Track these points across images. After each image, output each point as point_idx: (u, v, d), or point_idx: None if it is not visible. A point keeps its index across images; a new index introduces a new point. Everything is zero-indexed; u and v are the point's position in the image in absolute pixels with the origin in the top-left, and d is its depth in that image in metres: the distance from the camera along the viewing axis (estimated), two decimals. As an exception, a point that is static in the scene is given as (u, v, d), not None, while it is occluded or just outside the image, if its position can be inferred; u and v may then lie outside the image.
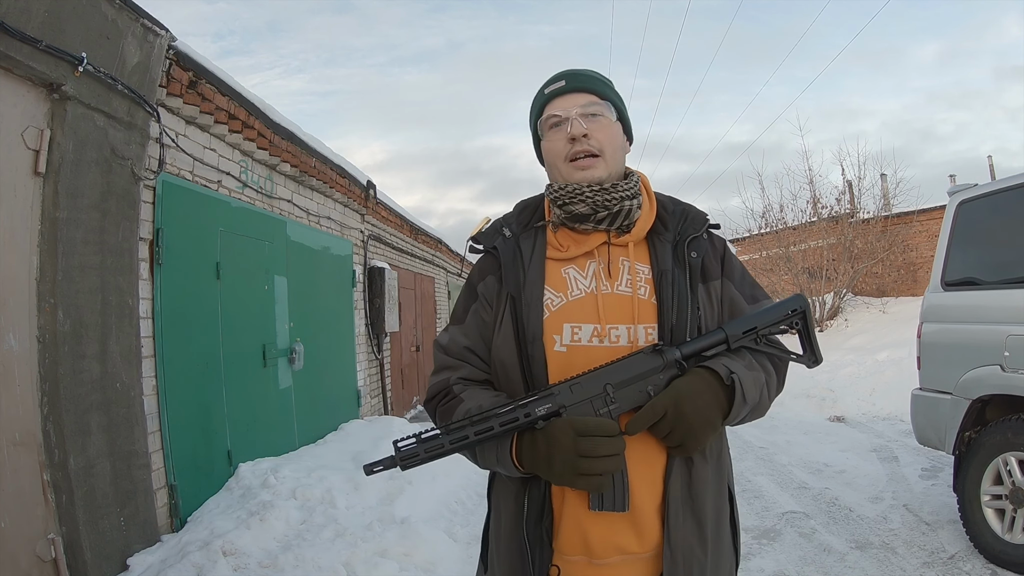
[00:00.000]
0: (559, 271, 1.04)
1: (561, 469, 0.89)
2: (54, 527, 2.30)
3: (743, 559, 2.99)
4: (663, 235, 1.06)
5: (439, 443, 0.91)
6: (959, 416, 2.99)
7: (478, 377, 1.06)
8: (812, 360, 1.05)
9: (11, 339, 2.21)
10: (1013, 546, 2.69)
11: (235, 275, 3.71)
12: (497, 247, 1.08)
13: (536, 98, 1.10)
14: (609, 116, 1.05)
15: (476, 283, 1.09)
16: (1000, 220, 3.09)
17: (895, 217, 11.99)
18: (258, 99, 3.87)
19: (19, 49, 2.13)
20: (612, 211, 1.02)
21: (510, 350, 1.00)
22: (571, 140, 1.02)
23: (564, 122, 1.03)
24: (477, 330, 1.07)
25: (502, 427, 0.91)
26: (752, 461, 4.88)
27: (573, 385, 0.93)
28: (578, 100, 1.04)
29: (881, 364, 7.75)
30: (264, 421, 4.00)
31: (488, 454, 0.96)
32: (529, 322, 0.99)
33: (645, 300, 1.00)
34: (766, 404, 1.02)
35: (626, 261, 1.03)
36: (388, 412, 6.71)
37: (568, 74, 1.07)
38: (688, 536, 0.95)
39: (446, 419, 1.01)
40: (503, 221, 1.12)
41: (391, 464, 0.90)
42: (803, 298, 1.06)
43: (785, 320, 1.02)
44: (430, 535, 3.02)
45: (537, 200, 1.14)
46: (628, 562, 0.96)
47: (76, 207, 2.45)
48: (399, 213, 7.63)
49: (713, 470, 1.00)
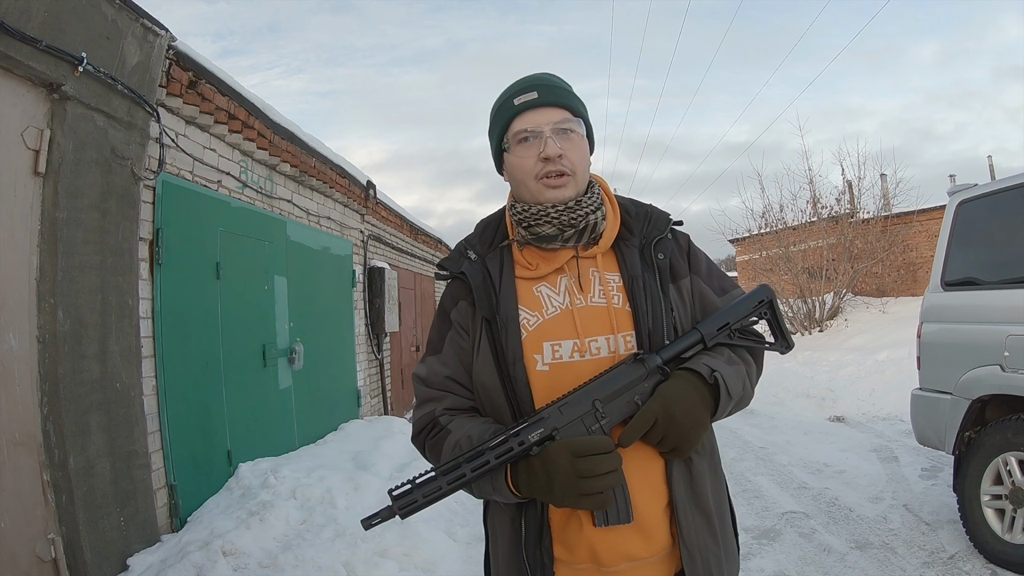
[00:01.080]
0: (531, 290, 1.03)
1: (562, 493, 0.88)
2: (54, 527, 2.30)
3: (743, 559, 3.02)
4: (629, 240, 1.06)
5: (436, 486, 0.89)
6: (959, 416, 2.99)
7: (463, 405, 1.04)
8: (784, 346, 1.08)
9: (11, 339, 2.21)
10: (1013, 546, 2.69)
11: (235, 275, 3.71)
12: (465, 272, 1.05)
13: (502, 107, 1.04)
14: (580, 132, 1.02)
15: (449, 310, 1.07)
16: (1000, 220, 3.09)
17: (895, 217, 12.00)
18: (258, 99, 3.87)
19: (19, 49, 2.13)
20: (579, 228, 1.01)
21: (491, 374, 0.99)
22: (544, 160, 0.99)
23: (535, 138, 0.99)
24: (456, 357, 1.05)
25: (498, 459, 0.90)
26: (752, 461, 4.88)
27: (562, 406, 0.93)
28: (551, 116, 1.00)
29: (881, 364, 7.75)
30: (264, 421, 4.00)
31: (484, 486, 0.95)
32: (508, 344, 0.98)
33: (620, 308, 1.00)
34: (750, 393, 1.05)
35: (596, 272, 1.03)
36: (388, 412, 6.72)
37: (540, 85, 1.02)
38: (700, 532, 0.97)
39: (435, 452, 1.01)
40: (466, 243, 1.09)
41: (389, 515, 0.88)
42: (768, 288, 1.08)
43: (755, 311, 1.05)
44: (430, 535, 3.02)
45: (497, 217, 1.12)
46: (636, 567, 0.97)
47: (76, 207, 2.45)
48: (399, 213, 7.63)
49: (708, 464, 1.02)
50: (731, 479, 4.36)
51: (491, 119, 1.07)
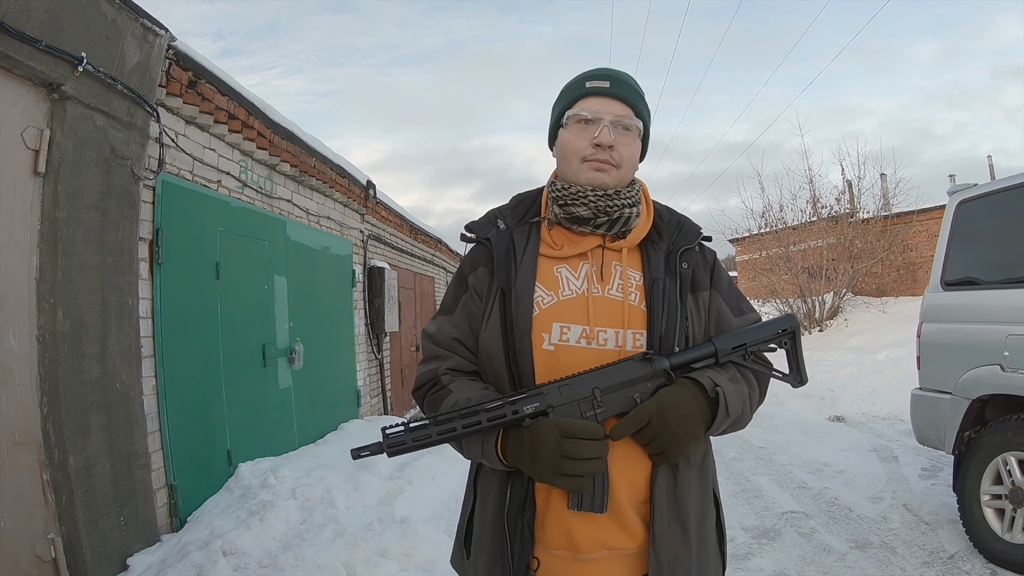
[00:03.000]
0: (551, 269, 1.04)
1: (543, 468, 0.90)
2: (54, 527, 2.30)
3: (743, 559, 3.02)
4: (657, 244, 1.06)
5: (427, 433, 0.91)
6: (959, 416, 2.99)
7: (466, 368, 1.06)
8: (798, 380, 1.08)
9: (11, 339, 2.21)
10: (1013, 546, 2.69)
11: (235, 275, 3.71)
12: (491, 239, 1.06)
13: (572, 85, 1.07)
14: (637, 132, 1.05)
15: (467, 274, 1.08)
16: (1000, 220, 3.09)
17: (895, 217, 12.00)
18: (258, 99, 3.86)
19: (19, 49, 2.13)
20: (612, 217, 1.02)
21: (497, 343, 1.00)
22: (595, 145, 1.01)
23: (593, 123, 1.02)
24: (466, 321, 1.06)
25: (489, 422, 0.91)
26: (752, 461, 4.88)
27: (562, 386, 0.94)
28: (615, 108, 1.02)
29: (881, 364, 7.75)
30: (264, 421, 4.00)
31: (473, 446, 0.97)
32: (518, 318, 0.99)
33: (635, 306, 1.01)
34: (748, 417, 1.05)
35: (619, 266, 1.03)
36: (388, 412, 6.72)
37: (614, 77, 1.05)
38: (674, 541, 0.96)
39: (434, 409, 1.02)
40: (498, 212, 1.11)
41: (378, 450, 0.91)
42: (794, 318, 1.09)
43: (775, 339, 1.05)
44: (430, 535, 3.02)
45: (534, 194, 1.13)
46: (613, 558, 0.97)
47: (76, 207, 2.45)
48: (399, 213, 7.63)
49: (697, 475, 1.02)
50: (731, 479, 4.36)
51: (560, 94, 1.09)
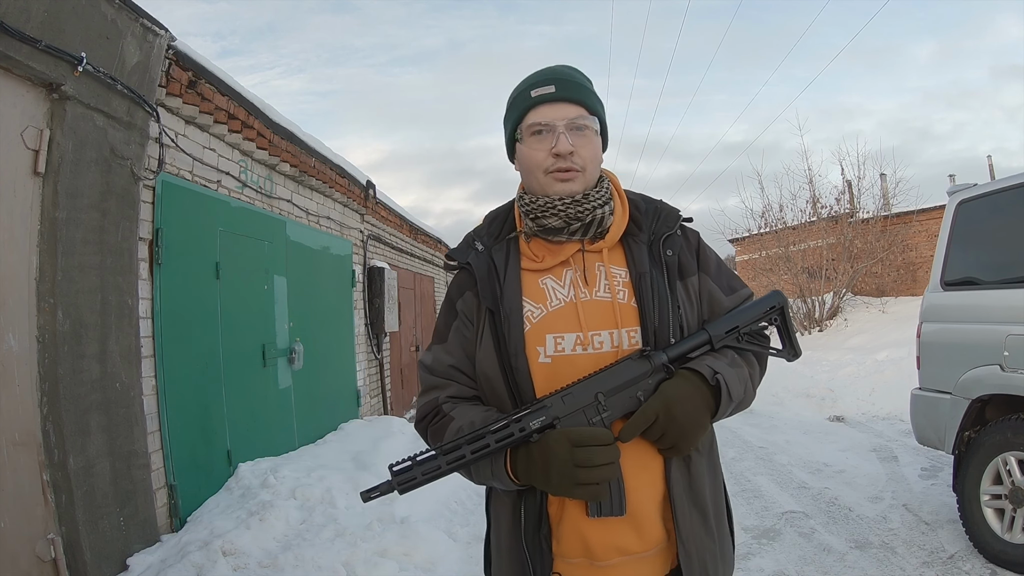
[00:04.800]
0: (536, 282, 1.03)
1: (559, 481, 0.89)
2: (54, 527, 2.30)
3: (743, 559, 3.02)
4: (637, 236, 1.05)
5: (435, 464, 0.90)
6: (959, 416, 2.99)
7: (466, 394, 1.05)
8: (792, 354, 1.09)
9: (11, 339, 2.21)
10: (1013, 546, 2.69)
11: (235, 275, 3.71)
12: (471, 262, 1.05)
13: (519, 97, 1.03)
14: (594, 129, 1.02)
15: (455, 300, 1.08)
16: (1000, 220, 3.09)
17: (894, 217, 12.01)
18: (257, 99, 3.86)
19: (19, 49, 2.13)
20: (585, 222, 1.01)
21: (493, 364, 1.00)
22: (555, 155, 0.99)
23: (548, 132, 1.00)
24: (460, 347, 1.05)
25: (498, 443, 0.91)
26: (752, 461, 4.88)
27: (564, 396, 0.93)
28: (567, 111, 1.00)
29: (881, 364, 7.75)
30: (264, 421, 4.00)
31: (483, 470, 0.96)
32: (510, 336, 0.99)
33: (625, 304, 1.00)
34: (751, 396, 1.05)
35: (602, 266, 1.03)
36: (388, 412, 6.72)
37: (558, 79, 1.01)
38: (697, 530, 0.98)
39: (438, 438, 1.01)
40: (474, 235, 1.10)
41: (388, 489, 0.90)
42: (780, 295, 1.08)
43: (764, 317, 1.05)
44: (430, 535, 3.02)
45: (506, 209, 1.12)
46: (630, 562, 0.97)
47: (76, 207, 2.45)
48: (398, 213, 7.63)
49: (707, 463, 1.03)
50: (731, 479, 4.36)
51: (507, 107, 1.07)
